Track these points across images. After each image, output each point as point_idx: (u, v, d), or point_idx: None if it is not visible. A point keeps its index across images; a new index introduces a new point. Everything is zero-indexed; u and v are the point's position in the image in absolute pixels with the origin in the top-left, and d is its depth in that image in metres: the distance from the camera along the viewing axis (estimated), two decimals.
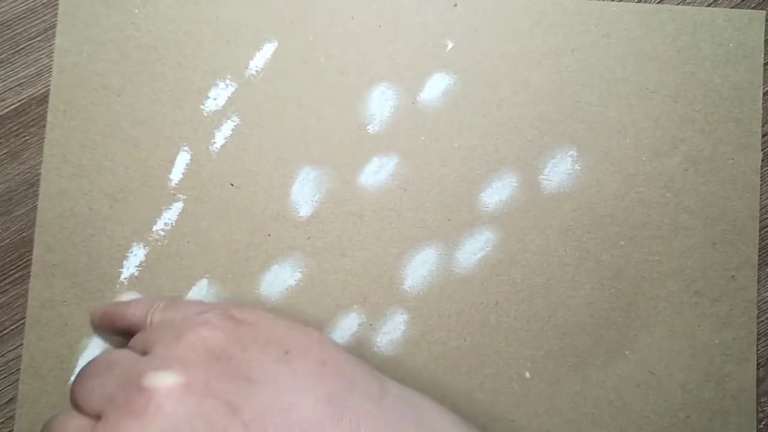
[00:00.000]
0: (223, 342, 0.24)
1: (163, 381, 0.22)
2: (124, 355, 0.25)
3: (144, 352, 0.25)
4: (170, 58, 0.31)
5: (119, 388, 0.23)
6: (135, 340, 0.26)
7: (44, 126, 0.30)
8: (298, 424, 0.22)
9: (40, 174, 0.30)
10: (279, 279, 0.30)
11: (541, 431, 0.29)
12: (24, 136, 0.31)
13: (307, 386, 0.23)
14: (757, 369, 0.29)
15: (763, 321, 0.30)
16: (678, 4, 0.31)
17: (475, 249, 0.30)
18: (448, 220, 0.30)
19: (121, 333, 0.29)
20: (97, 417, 0.23)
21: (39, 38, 0.31)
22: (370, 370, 0.25)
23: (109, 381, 0.23)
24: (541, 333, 0.30)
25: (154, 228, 0.30)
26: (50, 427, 0.24)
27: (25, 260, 0.30)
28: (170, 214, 0.30)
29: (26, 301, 0.30)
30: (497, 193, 0.30)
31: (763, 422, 0.29)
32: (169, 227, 0.30)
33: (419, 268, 0.30)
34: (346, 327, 0.30)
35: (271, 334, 0.25)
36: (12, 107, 0.31)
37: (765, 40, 0.31)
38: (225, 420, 0.22)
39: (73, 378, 0.29)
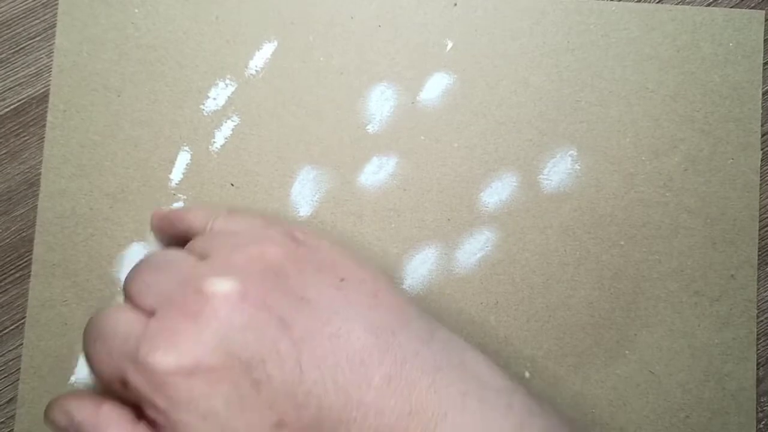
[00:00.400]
0: (282, 259, 0.24)
1: (222, 287, 0.22)
2: (183, 256, 0.25)
3: (201, 257, 0.24)
4: (170, 58, 0.31)
5: (177, 287, 0.23)
6: (193, 244, 0.26)
7: (44, 126, 0.30)
8: (345, 351, 0.22)
9: (40, 174, 0.30)
10: None
11: None
12: (24, 136, 0.31)
13: (358, 315, 0.23)
14: (757, 369, 0.29)
15: (763, 321, 0.30)
16: (678, 3, 0.31)
17: (474, 249, 0.30)
18: (448, 220, 0.30)
19: (176, 239, 0.29)
20: (151, 313, 0.23)
21: (38, 38, 0.31)
22: (421, 311, 0.25)
23: (167, 279, 0.23)
24: (541, 333, 0.30)
25: None
26: (100, 318, 0.24)
27: (25, 260, 0.30)
28: None
29: (26, 300, 0.30)
30: (497, 192, 0.30)
31: (763, 422, 0.29)
32: None
33: (419, 268, 0.30)
34: None
35: (329, 259, 0.25)
36: (12, 107, 0.31)
37: (765, 40, 0.31)
38: (276, 335, 0.22)
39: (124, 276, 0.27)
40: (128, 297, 0.24)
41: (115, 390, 0.23)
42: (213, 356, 0.21)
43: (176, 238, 0.29)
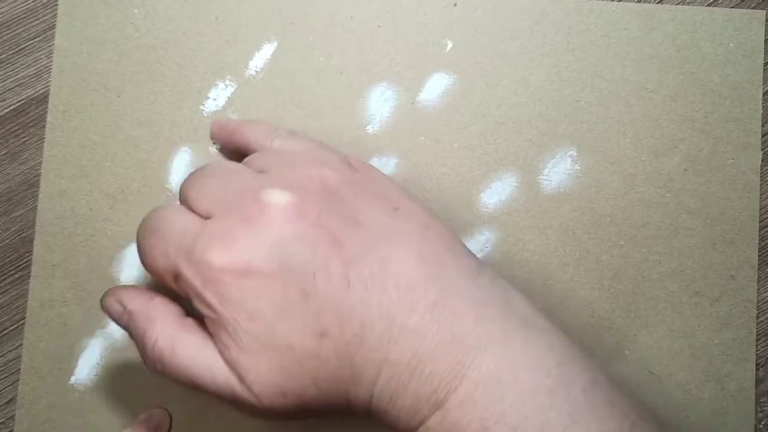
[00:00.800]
0: (339, 182, 0.24)
1: (279, 198, 0.23)
2: (242, 167, 0.25)
3: (260, 172, 0.25)
4: (170, 58, 0.31)
5: (235, 195, 0.23)
6: (252, 159, 0.26)
7: (44, 126, 0.30)
8: (393, 277, 0.22)
9: (40, 174, 0.30)
10: None
11: None
12: (24, 137, 0.31)
13: (409, 243, 0.23)
14: (757, 369, 0.29)
15: (762, 321, 0.30)
16: (678, 4, 0.31)
17: (474, 249, 0.30)
18: (448, 220, 0.30)
19: (234, 151, 0.29)
20: (207, 216, 0.23)
21: (38, 39, 0.31)
22: (470, 250, 0.25)
23: (226, 187, 0.24)
24: None
25: None
26: (158, 215, 0.24)
27: (25, 260, 0.30)
28: None
29: (26, 301, 0.30)
30: (497, 193, 0.30)
31: (763, 422, 0.29)
32: None
33: None
34: None
35: (384, 188, 0.25)
36: (11, 108, 0.31)
37: (765, 40, 0.31)
38: (328, 251, 0.22)
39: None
40: (185, 201, 0.25)
41: (165, 283, 0.24)
42: (265, 261, 0.22)
43: (233, 150, 0.29)
